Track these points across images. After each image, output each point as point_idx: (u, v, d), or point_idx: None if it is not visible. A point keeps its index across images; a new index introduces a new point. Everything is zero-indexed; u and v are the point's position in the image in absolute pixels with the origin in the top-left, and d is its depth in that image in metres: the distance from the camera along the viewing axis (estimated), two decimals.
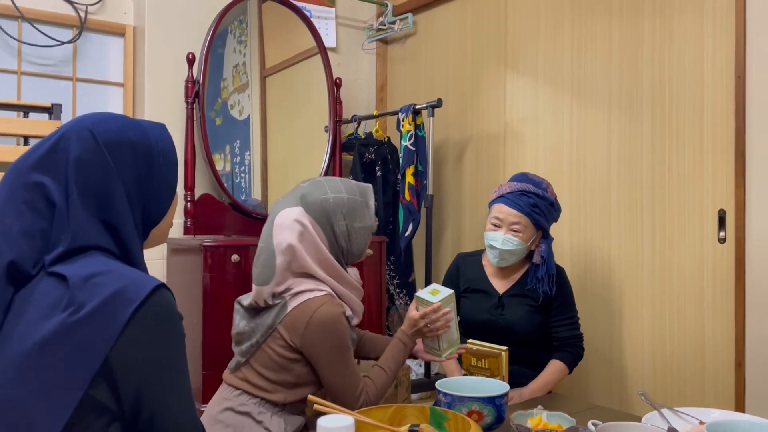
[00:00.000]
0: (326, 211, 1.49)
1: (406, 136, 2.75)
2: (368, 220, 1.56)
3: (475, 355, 1.79)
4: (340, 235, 1.51)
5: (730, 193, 2.02)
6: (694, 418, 1.28)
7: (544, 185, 1.99)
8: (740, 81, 1.99)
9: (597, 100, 2.40)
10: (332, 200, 1.50)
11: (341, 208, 1.51)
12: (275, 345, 1.46)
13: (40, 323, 0.90)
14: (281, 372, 1.46)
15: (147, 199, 1.04)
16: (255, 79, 2.93)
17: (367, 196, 1.57)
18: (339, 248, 1.53)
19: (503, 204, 1.96)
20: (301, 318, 1.43)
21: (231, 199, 2.74)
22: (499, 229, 1.96)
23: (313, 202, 1.50)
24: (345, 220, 1.51)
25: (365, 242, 1.56)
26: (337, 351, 1.43)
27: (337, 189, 1.53)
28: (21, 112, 2.49)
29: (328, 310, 1.42)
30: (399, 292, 2.94)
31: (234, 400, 1.49)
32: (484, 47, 2.85)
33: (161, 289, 0.95)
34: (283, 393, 1.47)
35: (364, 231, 1.55)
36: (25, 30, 2.56)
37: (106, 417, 0.91)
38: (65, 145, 0.98)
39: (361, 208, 1.54)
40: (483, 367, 1.79)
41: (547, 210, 1.97)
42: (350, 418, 0.69)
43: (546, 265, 1.98)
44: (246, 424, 1.45)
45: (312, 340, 1.43)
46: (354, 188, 1.56)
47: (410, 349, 1.59)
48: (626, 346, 2.30)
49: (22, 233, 0.95)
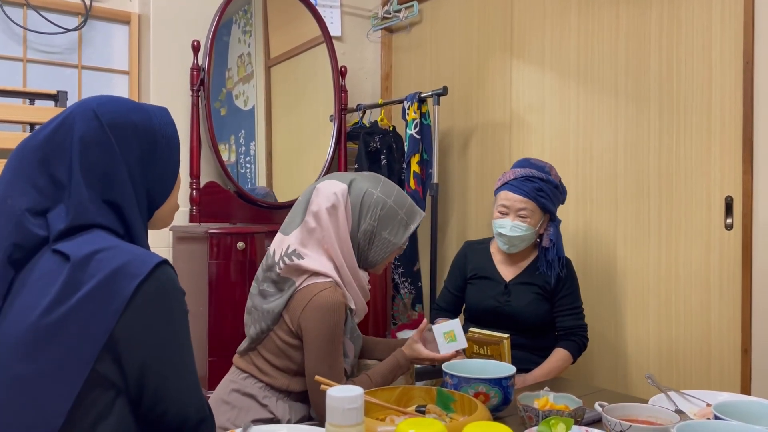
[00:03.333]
0: (363, 204, 1.48)
1: (411, 124, 2.75)
2: (398, 237, 1.51)
3: (478, 342, 1.79)
4: (363, 232, 1.48)
5: (737, 180, 2.01)
6: (701, 400, 1.28)
7: (547, 169, 1.99)
8: (748, 67, 1.98)
9: (604, 88, 2.38)
10: (375, 197, 1.49)
11: (378, 209, 1.48)
12: (280, 331, 1.46)
13: (43, 301, 0.90)
14: (284, 358, 1.46)
15: (150, 180, 1.05)
16: (260, 69, 2.92)
17: (412, 218, 1.53)
18: (357, 245, 1.50)
19: (509, 191, 1.96)
20: (302, 300, 1.42)
21: (236, 187, 2.74)
22: (507, 216, 1.96)
23: (357, 189, 1.49)
24: (375, 222, 1.48)
25: (384, 256, 1.52)
26: (327, 338, 1.40)
27: (387, 193, 1.51)
28: (27, 99, 2.49)
29: (329, 296, 1.41)
30: (404, 281, 2.94)
31: (240, 383, 1.50)
32: (489, 35, 2.84)
33: (164, 265, 0.95)
34: (286, 380, 1.47)
35: (388, 244, 1.51)
36: (30, 17, 2.56)
37: (112, 392, 0.92)
38: (69, 126, 0.99)
39: (398, 222, 1.51)
40: (486, 354, 1.79)
41: (553, 193, 1.97)
42: (359, 388, 0.69)
43: (555, 248, 1.98)
44: (251, 407, 1.46)
45: (306, 322, 1.41)
46: (403, 203, 1.52)
47: (404, 370, 1.55)
48: (632, 333, 2.30)
49: (27, 212, 0.96)
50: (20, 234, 0.95)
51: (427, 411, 1.19)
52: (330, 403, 0.68)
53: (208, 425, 1.03)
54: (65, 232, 0.95)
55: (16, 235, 0.95)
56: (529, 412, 1.23)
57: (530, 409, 1.23)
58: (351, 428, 0.67)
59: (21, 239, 0.95)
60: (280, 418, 1.45)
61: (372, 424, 1.01)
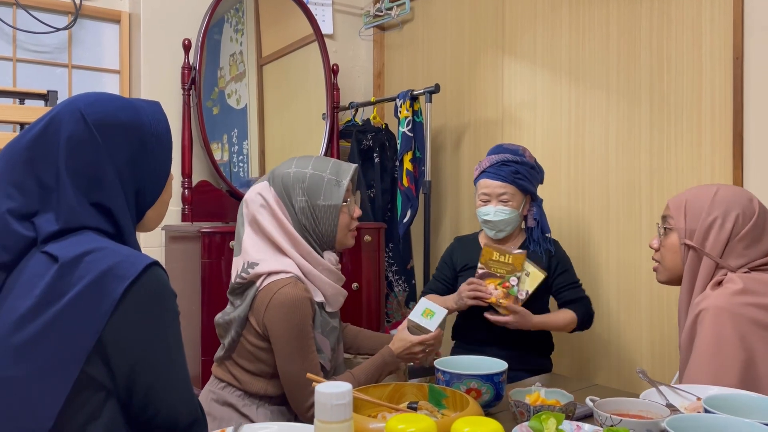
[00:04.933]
0: (286, 186, 1.45)
1: (403, 122, 2.75)
2: (334, 198, 1.45)
3: (498, 250, 1.91)
4: (300, 211, 1.45)
5: (727, 175, 2.02)
6: (692, 394, 1.29)
7: (520, 151, 2.04)
8: (738, 62, 1.99)
9: (595, 84, 2.39)
10: (293, 175, 1.46)
11: (300, 183, 1.45)
12: (249, 335, 1.44)
13: (32, 303, 0.89)
14: (256, 362, 1.44)
15: (140, 180, 1.03)
16: (252, 68, 2.91)
17: (342, 174, 1.47)
18: (303, 226, 1.46)
19: (487, 179, 2.01)
20: (263, 300, 1.40)
21: (229, 186, 2.73)
22: (489, 202, 2.01)
23: (276, 176, 1.48)
24: (305, 195, 1.45)
25: (334, 223, 1.47)
26: (293, 336, 1.37)
27: (303, 165, 1.47)
28: (17, 99, 2.48)
29: (289, 292, 1.37)
30: (398, 279, 2.94)
31: (219, 392, 1.48)
32: (481, 32, 2.84)
33: (154, 266, 0.94)
34: (263, 383, 1.45)
35: (328, 210, 1.45)
36: (20, 16, 2.54)
37: (102, 394, 0.91)
38: (56, 127, 0.98)
39: (328, 185, 1.45)
40: (506, 262, 1.90)
41: (530, 174, 2.01)
42: (347, 385, 0.69)
43: (540, 226, 2.04)
44: (232, 416, 1.44)
45: (270, 322, 1.38)
46: (325, 165, 1.48)
47: (391, 368, 1.50)
48: (624, 328, 2.31)
49: (8, 214, 0.94)
50: (5, 236, 0.94)
51: (418, 407, 1.19)
52: (318, 399, 0.68)
53: (200, 426, 1.02)
54: (54, 234, 0.94)
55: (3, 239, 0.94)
56: (521, 408, 1.23)
57: (521, 404, 1.23)
58: (339, 424, 0.67)
59: (6, 241, 0.94)
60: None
61: (363, 421, 1.01)
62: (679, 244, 1.46)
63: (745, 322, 1.29)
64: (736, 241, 1.40)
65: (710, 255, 1.41)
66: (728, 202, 1.42)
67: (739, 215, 1.40)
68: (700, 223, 1.43)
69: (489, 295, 1.90)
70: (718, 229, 1.41)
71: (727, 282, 1.37)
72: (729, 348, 1.28)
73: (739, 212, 1.40)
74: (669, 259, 1.50)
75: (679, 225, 1.46)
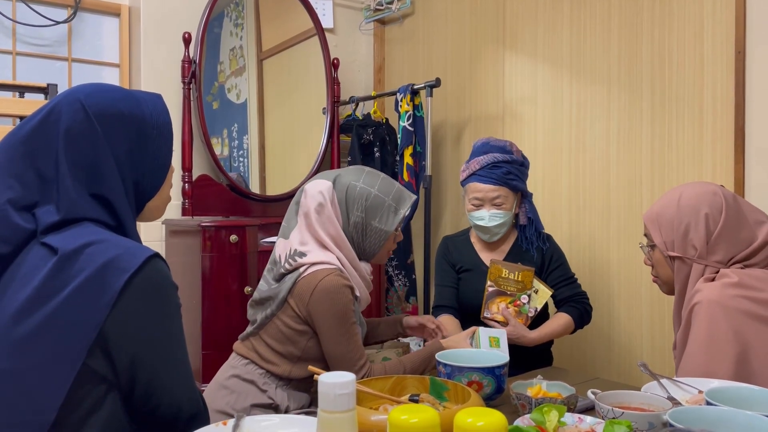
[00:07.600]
0: (348, 198, 1.51)
1: (404, 116, 2.74)
2: (389, 224, 1.53)
3: (507, 267, 1.85)
4: (353, 225, 1.52)
5: (729, 169, 2.01)
6: (693, 387, 1.29)
7: (508, 148, 1.97)
8: (740, 56, 1.98)
9: (596, 79, 2.38)
10: (359, 189, 1.52)
11: (363, 200, 1.51)
12: (285, 316, 1.48)
13: (32, 296, 0.89)
14: (287, 344, 1.48)
15: (140, 171, 1.02)
16: (252, 62, 2.91)
17: (401, 203, 1.55)
18: (351, 238, 1.53)
19: (478, 182, 1.95)
20: (308, 286, 1.45)
21: (229, 180, 2.73)
22: (482, 207, 1.95)
23: (341, 184, 1.52)
24: (363, 213, 1.51)
25: (379, 245, 1.55)
26: (339, 320, 1.44)
27: (371, 183, 1.53)
28: (16, 92, 2.47)
29: (334, 280, 1.44)
30: (398, 274, 2.94)
31: (241, 368, 1.51)
32: (482, 26, 2.83)
33: (155, 258, 0.94)
34: (288, 366, 1.48)
35: (380, 233, 1.53)
36: (19, 10, 2.53)
37: (104, 386, 0.91)
38: (56, 118, 0.97)
39: (386, 210, 1.53)
40: (515, 279, 1.85)
41: (520, 171, 1.97)
42: (351, 375, 0.68)
43: (534, 224, 2.00)
44: (250, 392, 1.47)
45: (316, 307, 1.44)
46: (390, 189, 1.54)
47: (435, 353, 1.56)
48: (626, 322, 2.31)
49: (8, 204, 0.94)
50: (4, 227, 0.94)
51: (420, 400, 1.19)
52: (321, 389, 0.68)
53: (202, 419, 1.02)
54: (54, 225, 0.94)
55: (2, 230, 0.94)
56: (522, 400, 1.23)
57: (523, 397, 1.23)
58: (342, 414, 0.67)
59: (6, 232, 0.94)
60: (278, 404, 1.46)
61: (365, 413, 1.01)
62: (664, 258, 1.47)
63: (738, 314, 1.29)
64: (715, 238, 1.41)
65: (696, 260, 1.42)
66: (693, 204, 1.42)
67: (708, 214, 1.41)
68: (675, 233, 1.44)
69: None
70: (694, 233, 1.41)
71: (721, 276, 1.38)
72: (722, 342, 1.28)
73: (707, 211, 1.41)
74: (662, 273, 1.52)
75: (658, 239, 1.48)
